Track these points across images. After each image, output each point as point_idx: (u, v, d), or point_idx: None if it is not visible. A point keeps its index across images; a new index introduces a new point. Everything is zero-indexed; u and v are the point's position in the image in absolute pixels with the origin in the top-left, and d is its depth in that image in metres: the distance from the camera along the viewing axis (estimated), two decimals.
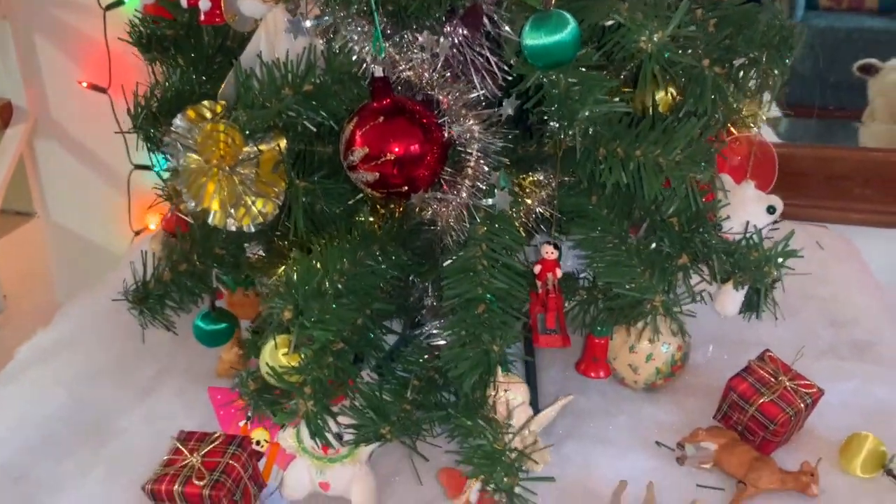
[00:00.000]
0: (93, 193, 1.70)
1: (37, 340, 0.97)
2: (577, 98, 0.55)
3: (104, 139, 1.60)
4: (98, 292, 1.06)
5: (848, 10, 3.28)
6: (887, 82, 2.09)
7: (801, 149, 1.50)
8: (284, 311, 0.54)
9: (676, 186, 0.58)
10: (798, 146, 1.57)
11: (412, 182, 0.59)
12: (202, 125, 0.58)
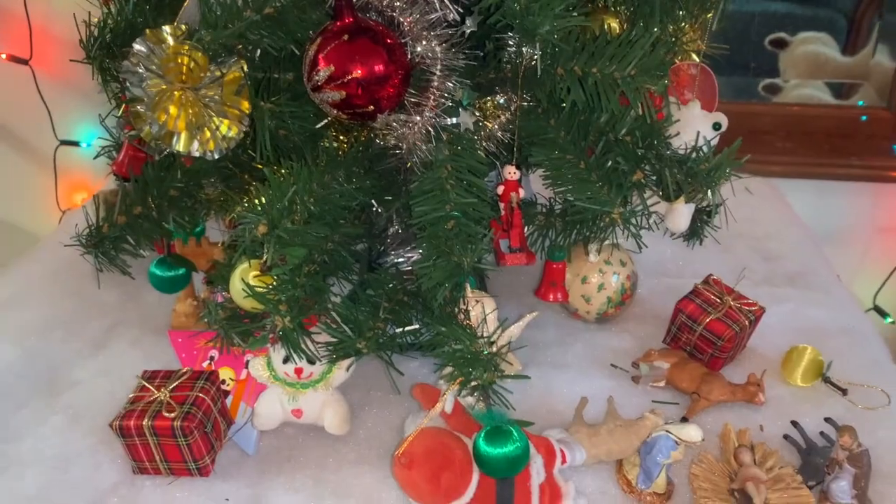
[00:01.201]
0: (16, 172, 1.62)
1: None
2: (537, 13, 0.56)
3: (25, 115, 1.54)
4: (35, 256, 1.02)
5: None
6: (797, 55, 2.19)
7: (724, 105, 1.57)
8: (259, 225, 0.54)
9: (632, 100, 0.60)
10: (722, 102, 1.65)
11: (377, 102, 0.60)
12: (164, 48, 0.58)
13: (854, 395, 0.77)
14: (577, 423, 0.71)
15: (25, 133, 1.57)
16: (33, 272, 0.97)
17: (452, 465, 0.59)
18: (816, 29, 2.11)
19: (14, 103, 1.53)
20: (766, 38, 2.36)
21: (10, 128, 1.57)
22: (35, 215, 1.63)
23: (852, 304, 0.95)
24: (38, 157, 1.57)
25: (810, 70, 2.14)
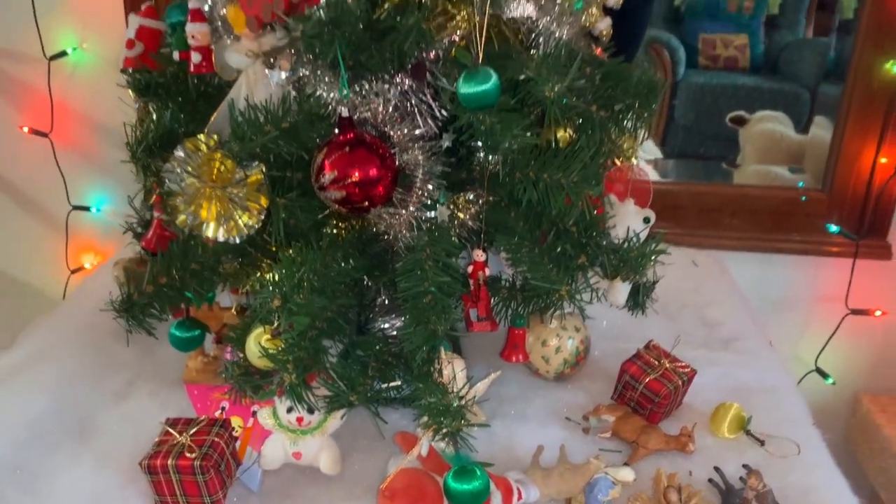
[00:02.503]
0: (28, 235, 1.75)
1: (1, 361, 1.04)
2: (499, 133, 0.71)
3: (41, 181, 1.67)
4: (60, 314, 1.15)
5: (724, 69, 3.69)
6: (754, 132, 2.40)
7: (678, 185, 1.75)
8: (274, 299, 0.68)
9: (575, 201, 0.75)
10: (676, 183, 1.82)
11: (371, 199, 0.74)
12: (200, 154, 0.72)
13: (771, 445, 0.91)
14: (533, 467, 0.83)
15: (41, 198, 1.70)
16: (60, 329, 1.09)
17: (426, 498, 0.72)
18: (783, 102, 2.30)
19: (32, 172, 1.67)
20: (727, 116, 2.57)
21: (27, 193, 1.71)
22: (44, 274, 1.76)
23: (778, 367, 1.09)
24: (51, 221, 1.70)
25: (766, 146, 2.34)
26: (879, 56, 1.41)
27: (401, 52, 0.72)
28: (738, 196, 1.62)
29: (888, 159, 1.46)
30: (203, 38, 0.77)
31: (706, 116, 3.59)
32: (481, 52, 0.71)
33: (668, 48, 3.46)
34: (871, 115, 1.46)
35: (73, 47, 1.55)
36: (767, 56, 3.13)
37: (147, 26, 0.91)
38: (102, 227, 1.71)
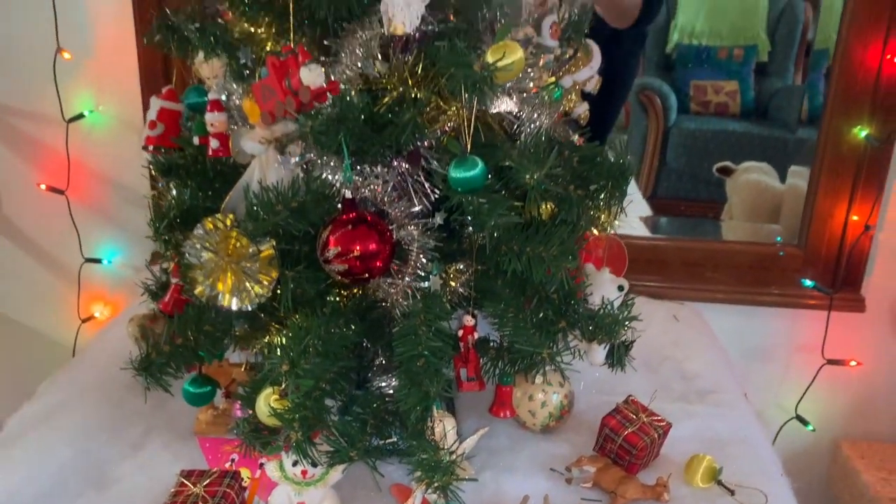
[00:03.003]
0: (41, 286, 1.82)
1: (25, 411, 1.12)
2: (486, 213, 0.80)
3: (56, 235, 1.75)
4: (78, 367, 1.22)
5: (715, 114, 3.81)
6: (740, 182, 2.48)
7: (664, 241, 1.83)
8: (283, 364, 0.76)
9: (555, 272, 0.83)
10: (662, 239, 1.90)
11: (370, 271, 0.82)
12: (218, 232, 0.80)
13: (741, 495, 0.98)
14: None
15: (55, 251, 1.78)
16: (78, 382, 1.16)
17: None
18: (773, 147, 2.39)
19: (48, 226, 1.75)
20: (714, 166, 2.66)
21: (43, 246, 1.79)
22: (56, 323, 1.83)
23: (751, 419, 1.17)
24: (64, 273, 1.78)
25: (752, 197, 2.43)
26: (847, 121, 1.51)
27: (398, 141, 0.80)
28: (720, 251, 1.70)
29: (859, 217, 1.55)
30: (221, 126, 0.86)
31: (698, 161, 3.69)
32: (469, 142, 0.80)
33: (660, 95, 3.58)
34: (841, 177, 1.55)
35: (89, 110, 1.64)
36: (758, 102, 3.23)
37: (167, 108, 1.00)
38: (112, 278, 1.79)
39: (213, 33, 0.84)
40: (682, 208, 3.04)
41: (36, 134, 1.69)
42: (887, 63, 1.45)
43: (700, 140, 3.70)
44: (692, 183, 3.85)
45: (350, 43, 0.83)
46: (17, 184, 1.74)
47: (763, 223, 2.19)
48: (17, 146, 1.71)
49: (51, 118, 1.63)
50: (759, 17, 4.24)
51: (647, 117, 3.70)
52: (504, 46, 0.77)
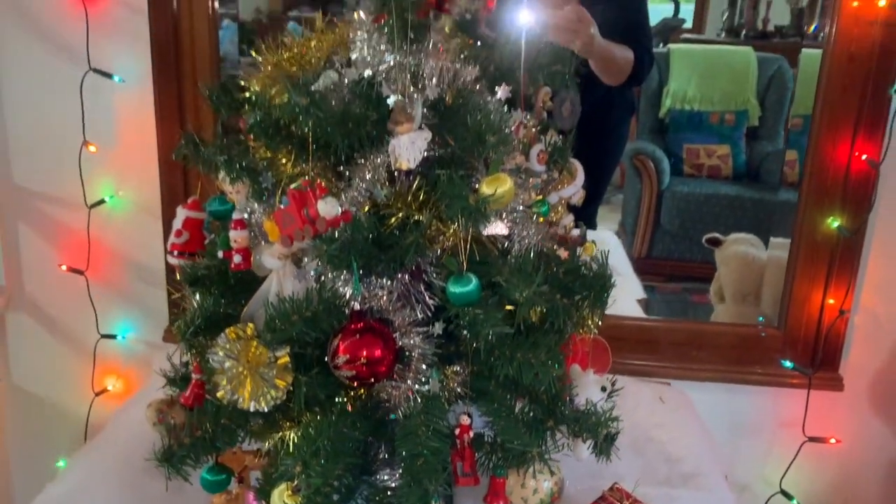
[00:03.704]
0: (58, 360, 1.90)
1: (49, 492, 1.19)
2: (480, 324, 0.89)
3: (74, 313, 1.84)
4: (97, 449, 1.30)
5: (708, 177, 3.94)
6: (728, 254, 2.58)
7: (654, 322, 1.92)
8: (296, 465, 0.84)
9: (542, 376, 0.92)
10: (652, 320, 1.98)
11: (376, 376, 0.91)
12: (240, 342, 0.89)
13: None
14: None
15: (73, 328, 1.87)
16: (99, 465, 1.24)
17: None
18: (764, 210, 2.49)
19: (66, 305, 1.84)
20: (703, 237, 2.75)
21: (61, 323, 1.88)
22: (70, 396, 1.91)
23: (729, 501, 1.24)
24: (80, 348, 1.86)
25: (739, 268, 2.52)
26: (821, 213, 1.62)
27: (402, 260, 0.90)
28: (705, 332, 1.79)
29: (835, 301, 1.64)
30: (243, 242, 0.96)
31: (691, 223, 3.80)
32: (465, 260, 0.90)
33: (653, 159, 3.71)
34: (817, 264, 1.65)
35: (110, 195, 1.75)
36: (749, 165, 3.34)
37: (192, 217, 1.10)
38: (126, 352, 1.87)
39: (238, 161, 0.95)
40: (676, 269, 3.09)
41: (59, 217, 1.79)
42: (855, 160, 1.56)
43: (693, 203, 3.82)
44: (686, 244, 3.95)
45: (360, 169, 0.93)
46: (39, 264, 1.83)
47: (749, 293, 2.27)
48: (41, 229, 1.81)
49: (74, 203, 1.74)
50: (750, 83, 4.40)
51: (641, 180, 3.83)
52: (496, 179, 0.87)
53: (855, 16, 1.50)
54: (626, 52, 2.01)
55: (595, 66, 1.99)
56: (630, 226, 4.00)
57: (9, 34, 1.70)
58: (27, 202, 1.80)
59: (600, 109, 2.43)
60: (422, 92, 0.92)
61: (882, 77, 1.52)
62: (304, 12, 7.28)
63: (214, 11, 1.66)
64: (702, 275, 2.56)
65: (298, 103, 0.86)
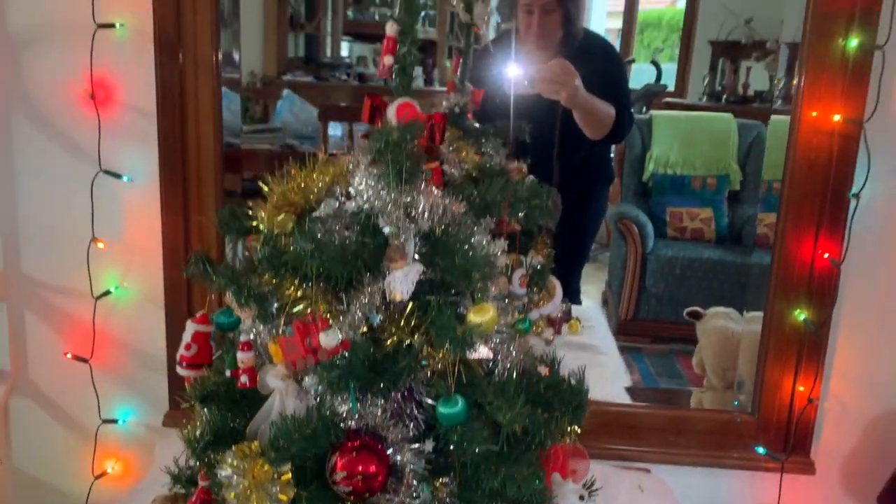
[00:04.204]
0: (59, 444, 1.96)
1: None
2: (468, 442, 0.98)
3: (76, 399, 1.91)
4: None
5: (691, 240, 4.05)
6: (708, 328, 2.67)
7: (636, 408, 1.99)
8: None
9: (525, 489, 1.00)
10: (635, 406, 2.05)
11: (371, 490, 0.99)
12: (246, 459, 0.97)
13: None
14: None
15: (75, 413, 1.93)
16: None
17: None
18: (748, 274, 2.58)
19: (69, 391, 1.91)
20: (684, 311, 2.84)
21: (63, 408, 1.94)
22: (70, 479, 1.96)
23: None
24: (81, 433, 1.92)
25: (720, 342, 2.61)
26: (788, 305, 1.72)
27: (396, 382, 0.99)
28: (684, 417, 1.88)
29: (804, 388, 1.73)
30: (249, 363, 1.05)
31: (676, 286, 3.90)
32: (453, 383, 0.99)
33: (637, 223, 3.83)
34: (786, 353, 1.75)
35: (115, 286, 1.84)
36: (731, 228, 3.44)
37: (200, 331, 1.19)
38: (126, 436, 1.93)
39: (246, 288, 1.04)
40: (662, 331, 3.15)
41: (66, 307, 1.87)
42: (819, 258, 1.67)
43: (677, 267, 3.93)
44: (671, 307, 4.05)
45: (357, 295, 1.02)
46: (44, 351, 1.91)
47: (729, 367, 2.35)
48: (47, 317, 1.89)
49: (80, 294, 1.82)
50: (730, 148, 4.56)
51: (625, 244, 3.95)
52: (481, 309, 0.97)
53: (813, 126, 1.63)
54: (608, 107, 2.13)
55: (578, 118, 2.13)
56: (616, 287, 4.10)
57: (25, 134, 1.80)
58: (34, 291, 1.88)
59: (580, 180, 2.55)
60: (414, 224, 1.02)
61: (840, 182, 1.64)
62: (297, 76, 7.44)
63: (219, 116, 1.77)
64: (688, 336, 2.64)
65: (304, 248, 0.95)
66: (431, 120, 1.05)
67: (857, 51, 1.57)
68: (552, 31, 2.18)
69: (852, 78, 1.59)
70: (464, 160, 1.54)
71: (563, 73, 1.98)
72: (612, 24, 8.36)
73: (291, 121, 4.45)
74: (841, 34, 1.58)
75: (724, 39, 6.02)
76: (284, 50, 7.77)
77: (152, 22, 1.69)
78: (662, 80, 6.62)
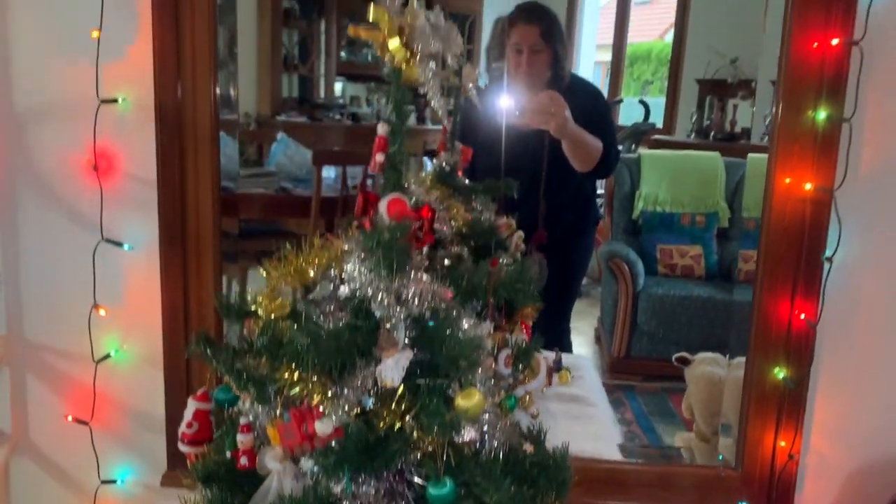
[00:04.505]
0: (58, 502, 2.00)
1: None
2: None
3: (76, 460, 1.95)
4: None
5: (681, 276, 4.11)
6: (696, 374, 2.72)
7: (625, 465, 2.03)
8: None
9: None
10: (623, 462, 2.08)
11: None
12: None
13: None
14: None
15: (75, 474, 1.97)
16: None
17: None
18: (737, 312, 2.64)
19: (69, 452, 1.95)
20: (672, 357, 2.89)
21: (61, 470, 1.98)
22: None
23: None
24: (80, 494, 1.96)
25: (707, 388, 2.66)
26: (768, 363, 1.78)
27: (388, 464, 1.05)
28: (671, 473, 1.92)
29: (786, 443, 1.79)
30: (248, 444, 1.10)
31: (667, 324, 3.95)
32: (442, 466, 1.04)
33: (627, 262, 3.89)
34: (766, 409, 1.80)
35: (115, 349, 1.89)
36: (721, 265, 3.50)
37: (201, 409, 1.24)
38: (125, 496, 1.97)
39: (245, 373, 1.10)
40: (654, 368, 3.18)
41: (67, 371, 1.92)
42: (795, 318, 1.74)
43: (668, 304, 3.99)
44: (663, 345, 4.10)
45: (351, 380, 1.08)
46: (45, 414, 1.95)
47: (717, 413, 2.40)
48: (49, 381, 1.94)
49: (81, 358, 1.87)
50: (718, 186, 4.65)
51: (616, 282, 4.01)
52: (468, 394, 1.03)
53: (787, 192, 1.71)
54: (596, 140, 2.23)
55: (567, 149, 2.21)
56: (608, 324, 4.15)
57: (30, 203, 1.87)
58: (36, 355, 1.93)
59: (567, 220, 2.63)
60: (405, 308, 1.08)
61: (814, 246, 1.71)
62: (291, 116, 7.59)
63: (217, 185, 1.84)
64: (680, 374, 2.69)
65: (300, 343, 1.01)
66: (420, 214, 1.12)
67: (825, 122, 1.65)
68: (541, 70, 2.29)
69: (822, 148, 1.67)
70: (454, 217, 1.62)
71: (552, 103, 2.09)
72: (602, 57, 8.49)
73: (286, 163, 4.54)
74: (810, 106, 1.66)
75: (710, 78, 6.15)
76: (279, 90, 7.89)
77: (153, 96, 1.76)
78: (651, 117, 6.75)
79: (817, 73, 1.65)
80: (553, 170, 2.35)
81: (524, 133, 2.21)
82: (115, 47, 1.75)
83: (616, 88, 7.11)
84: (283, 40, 6.49)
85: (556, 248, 2.56)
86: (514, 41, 2.30)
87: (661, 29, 7.83)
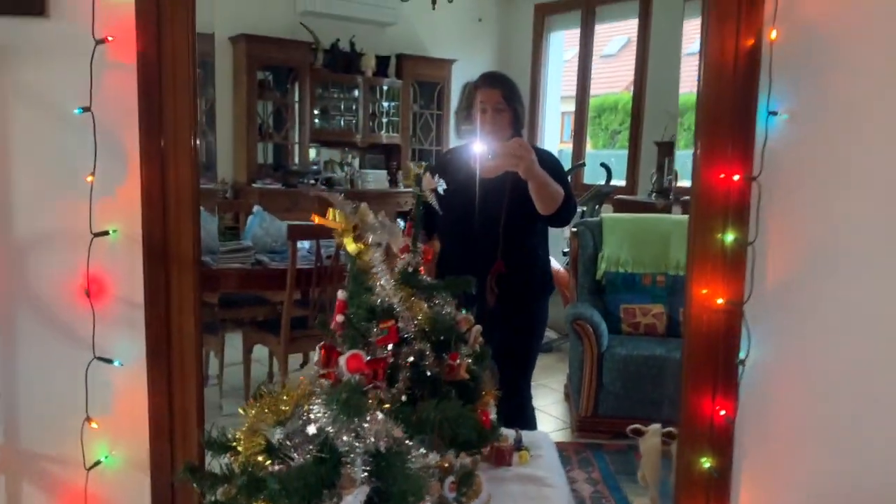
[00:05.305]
0: None
1: None
2: None
3: None
4: None
5: (644, 335, 4.34)
6: (648, 445, 2.93)
7: None
8: None
9: None
10: None
11: None
12: None
13: None
14: None
15: None
16: None
17: None
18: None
19: None
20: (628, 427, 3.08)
21: None
22: None
23: None
24: None
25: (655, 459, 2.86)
26: (694, 454, 2.00)
27: None
28: None
29: None
30: None
31: (632, 384, 4.17)
32: None
33: (591, 324, 4.11)
34: (696, 497, 2.02)
35: (105, 455, 2.06)
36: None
37: None
38: None
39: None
40: (621, 426, 3.36)
41: (60, 476, 2.08)
42: (716, 415, 1.97)
43: (632, 365, 4.23)
44: (629, 403, 4.32)
45: None
46: None
47: None
48: (43, 487, 2.10)
49: (73, 465, 2.03)
50: (677, 247, 4.90)
51: (582, 344, 4.23)
52: None
53: (704, 303, 1.95)
54: (558, 186, 2.58)
55: (533, 190, 2.54)
56: (576, 384, 4.37)
57: (27, 324, 2.05)
58: (31, 463, 2.10)
59: (521, 287, 2.85)
60: (362, 444, 1.28)
61: (729, 350, 1.95)
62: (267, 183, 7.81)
63: (199, 307, 2.04)
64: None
65: (273, 489, 1.21)
66: (375, 365, 1.33)
67: (733, 244, 1.90)
68: (503, 126, 2.70)
69: (731, 267, 1.92)
70: (416, 315, 1.83)
71: (520, 148, 2.46)
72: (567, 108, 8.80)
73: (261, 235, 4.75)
74: (719, 229, 1.92)
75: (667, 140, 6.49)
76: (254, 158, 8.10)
77: (141, 228, 1.98)
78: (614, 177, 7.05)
79: (723, 201, 1.90)
80: (513, 207, 2.66)
81: (489, 180, 2.61)
82: (106, 187, 1.96)
83: (581, 136, 7.41)
84: (258, 110, 6.75)
85: (513, 313, 2.79)
86: (480, 100, 2.70)
87: (627, 81, 8.17)
